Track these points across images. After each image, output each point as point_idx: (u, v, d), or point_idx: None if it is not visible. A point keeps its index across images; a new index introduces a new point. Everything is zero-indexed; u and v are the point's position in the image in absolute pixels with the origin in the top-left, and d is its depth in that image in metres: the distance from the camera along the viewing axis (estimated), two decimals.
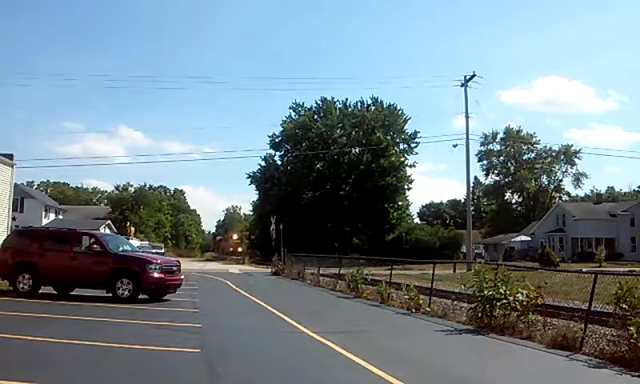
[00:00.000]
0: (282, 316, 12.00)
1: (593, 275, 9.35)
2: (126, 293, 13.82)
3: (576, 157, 77.03)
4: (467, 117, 37.36)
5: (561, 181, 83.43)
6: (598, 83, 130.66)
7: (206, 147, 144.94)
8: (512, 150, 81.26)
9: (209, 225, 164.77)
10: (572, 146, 78.63)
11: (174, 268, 15.22)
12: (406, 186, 68.55)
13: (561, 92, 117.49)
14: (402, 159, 67.39)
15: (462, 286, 12.30)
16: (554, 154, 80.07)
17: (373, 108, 68.92)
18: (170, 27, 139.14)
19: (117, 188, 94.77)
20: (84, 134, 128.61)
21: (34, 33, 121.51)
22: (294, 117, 69.81)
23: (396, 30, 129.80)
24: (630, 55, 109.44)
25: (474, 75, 37.08)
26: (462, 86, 37.41)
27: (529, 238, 59.70)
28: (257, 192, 73.19)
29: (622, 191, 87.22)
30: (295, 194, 63.88)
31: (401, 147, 68.39)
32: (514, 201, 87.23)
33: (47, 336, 8.25)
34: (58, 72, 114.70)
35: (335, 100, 69.90)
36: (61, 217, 67.42)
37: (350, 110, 69.96)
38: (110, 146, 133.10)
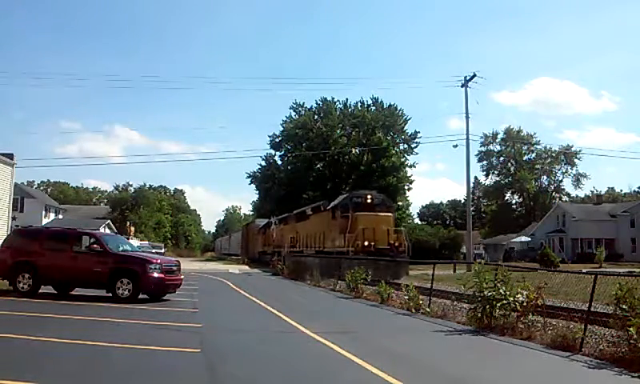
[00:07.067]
0: (282, 316, 11.99)
1: (593, 276, 9.35)
2: (126, 293, 13.83)
3: (576, 157, 77.18)
4: (467, 117, 37.28)
5: (561, 181, 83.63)
6: (590, 85, 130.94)
7: (206, 147, 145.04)
8: (512, 150, 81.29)
9: (209, 225, 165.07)
10: (572, 146, 78.91)
11: (174, 268, 15.21)
12: (406, 187, 68.47)
13: (553, 94, 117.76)
14: (403, 159, 67.39)
15: (462, 287, 12.29)
16: (554, 154, 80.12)
17: (373, 108, 68.84)
18: (171, 27, 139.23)
19: (117, 188, 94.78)
20: (83, 134, 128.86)
21: (33, 32, 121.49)
22: (294, 117, 69.77)
23: (393, 30, 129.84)
24: (623, 56, 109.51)
25: (474, 75, 37.00)
26: (462, 86, 37.35)
27: (529, 239, 59.65)
28: (257, 192, 73.18)
29: (622, 192, 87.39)
30: (295, 194, 63.74)
31: (401, 147, 68.37)
32: (514, 201, 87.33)
33: (47, 336, 8.25)
34: (58, 71, 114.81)
35: (335, 100, 69.87)
36: (61, 216, 67.48)
37: (350, 110, 69.86)
38: (108, 146, 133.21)
